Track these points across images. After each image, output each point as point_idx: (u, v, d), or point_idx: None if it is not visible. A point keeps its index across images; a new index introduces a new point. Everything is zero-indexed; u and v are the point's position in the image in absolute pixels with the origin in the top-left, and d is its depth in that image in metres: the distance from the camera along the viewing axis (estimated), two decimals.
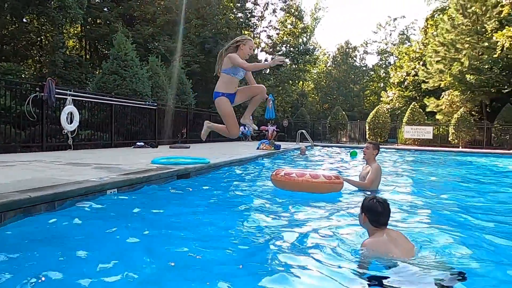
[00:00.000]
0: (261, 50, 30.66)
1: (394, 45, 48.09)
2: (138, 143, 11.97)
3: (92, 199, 3.92)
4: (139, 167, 5.81)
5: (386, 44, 49.98)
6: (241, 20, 27.30)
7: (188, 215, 3.82)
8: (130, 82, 13.07)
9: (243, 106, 5.01)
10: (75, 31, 24.28)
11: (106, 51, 20.87)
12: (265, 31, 29.72)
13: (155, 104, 13.90)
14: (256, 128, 5.77)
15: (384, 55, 49.68)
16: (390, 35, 50.10)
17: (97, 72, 18.84)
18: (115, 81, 12.88)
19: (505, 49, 19.67)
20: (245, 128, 21.36)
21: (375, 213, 2.63)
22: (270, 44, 29.87)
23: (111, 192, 4.18)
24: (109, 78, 12.92)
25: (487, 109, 24.66)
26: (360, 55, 50.55)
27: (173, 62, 19.21)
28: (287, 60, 5.04)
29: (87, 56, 24.83)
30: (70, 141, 9.72)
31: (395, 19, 49.32)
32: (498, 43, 19.84)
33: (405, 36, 47.59)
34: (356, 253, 2.66)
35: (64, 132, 9.51)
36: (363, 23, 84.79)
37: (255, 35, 30.65)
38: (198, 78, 22.34)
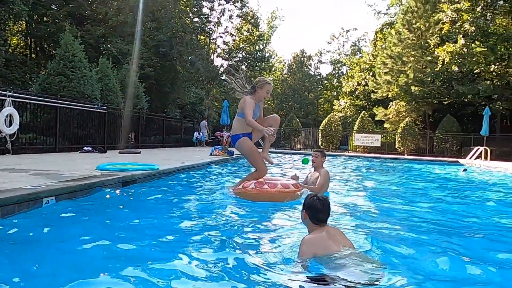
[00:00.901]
0: (217, 56, 30.64)
1: (347, 55, 50.00)
2: (85, 148, 11.46)
3: (26, 207, 3.69)
4: (82, 174, 5.56)
5: (339, 55, 51.87)
6: (197, 25, 27.14)
7: (133, 223, 3.72)
8: (78, 84, 12.51)
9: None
10: (20, 28, 22.88)
11: (53, 51, 19.86)
12: (221, 37, 29.82)
13: (105, 107, 13.41)
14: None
15: (337, 65, 51.51)
16: (343, 46, 52.09)
17: (42, 73, 17.87)
18: (61, 83, 12.26)
19: (445, 63, 21.09)
20: (199, 134, 21.18)
21: (315, 210, 2.74)
22: (226, 50, 29.93)
23: (48, 201, 3.96)
24: (55, 79, 12.28)
25: (430, 119, 26.25)
26: (314, 64, 52.08)
27: (125, 65, 18.64)
28: (272, 131, 5.18)
29: (32, 55, 23.45)
30: (9, 145, 9.11)
31: (347, 31, 51.45)
32: (440, 58, 21.24)
33: (356, 47, 49.66)
34: (296, 251, 2.73)
35: (2, 135, 8.90)
36: (318, 33, 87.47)
37: (211, 41, 30.59)
38: (151, 82, 21.85)
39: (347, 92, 35.77)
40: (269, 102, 48.89)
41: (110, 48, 19.97)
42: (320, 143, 25.75)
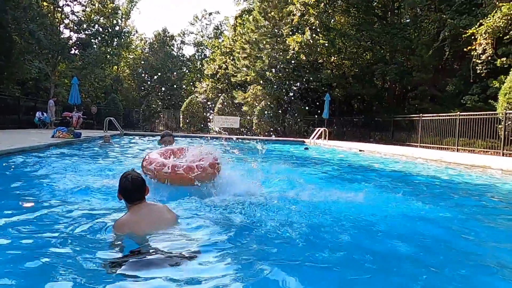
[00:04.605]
0: (65, 27, 27.22)
1: (210, 38, 50.38)
2: None
3: None
4: None
5: (202, 37, 51.91)
6: None
7: None
8: None
9: None
10: None
11: None
12: (69, 5, 26.43)
13: None
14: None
15: (200, 47, 51.54)
16: (206, 28, 52.30)
17: None
18: None
19: (295, 52, 23.13)
20: (42, 114, 18.71)
21: (127, 191, 2.69)
22: (76, 21, 26.77)
23: None
24: None
25: (283, 103, 28.61)
26: (177, 44, 51.00)
27: None
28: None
29: None
30: None
31: (210, 13, 51.69)
32: (290, 47, 23.18)
33: (219, 31, 50.41)
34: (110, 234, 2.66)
35: None
36: (181, 13, 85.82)
37: (57, 9, 26.99)
38: None
39: (209, 75, 36.22)
40: (129, 82, 46.12)
41: None
42: (181, 125, 25.61)
